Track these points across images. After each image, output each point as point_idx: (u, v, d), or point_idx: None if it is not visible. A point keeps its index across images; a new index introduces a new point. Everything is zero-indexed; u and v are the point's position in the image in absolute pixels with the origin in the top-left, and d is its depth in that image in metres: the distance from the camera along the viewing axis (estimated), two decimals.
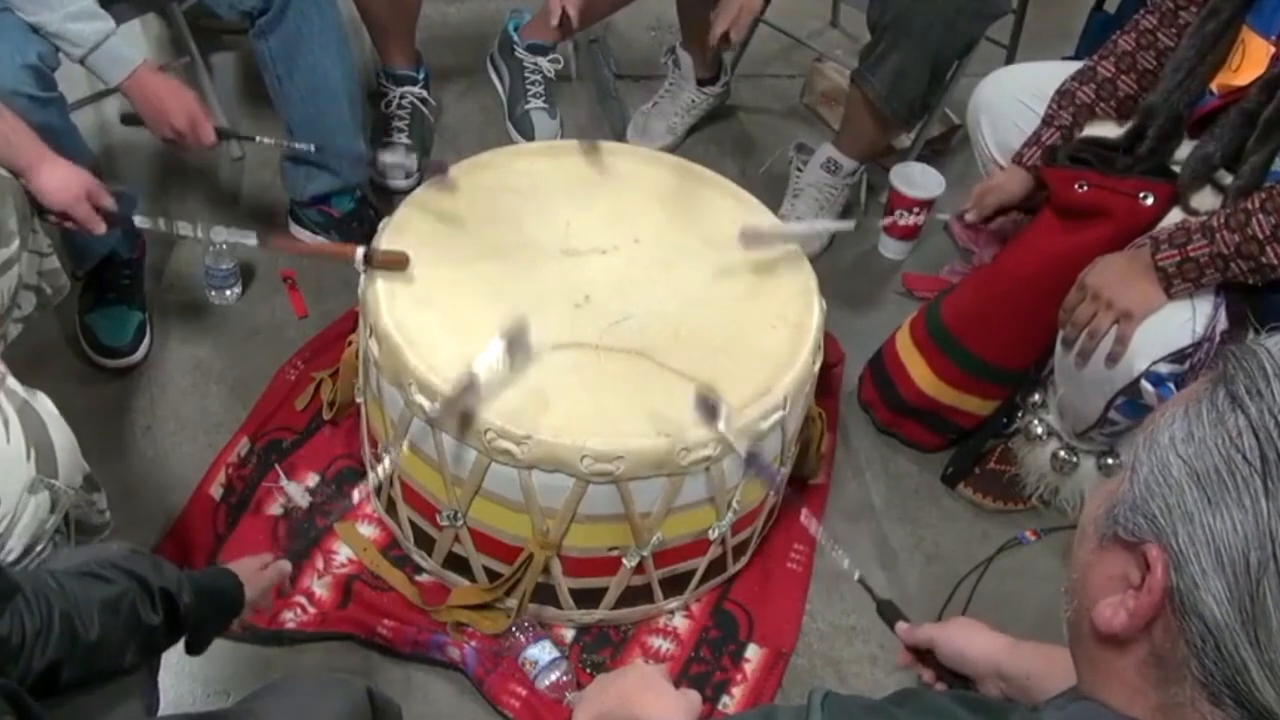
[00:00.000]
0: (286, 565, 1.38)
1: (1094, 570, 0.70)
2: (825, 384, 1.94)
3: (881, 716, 0.72)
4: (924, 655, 1.13)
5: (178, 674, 1.56)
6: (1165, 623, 0.65)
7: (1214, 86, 1.63)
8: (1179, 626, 0.64)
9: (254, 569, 1.30)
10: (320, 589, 1.69)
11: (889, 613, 1.21)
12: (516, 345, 1.44)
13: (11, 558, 1.23)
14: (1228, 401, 0.64)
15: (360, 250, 1.59)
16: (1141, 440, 0.69)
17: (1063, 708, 0.72)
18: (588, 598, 1.66)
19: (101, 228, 1.57)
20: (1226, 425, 0.64)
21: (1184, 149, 1.66)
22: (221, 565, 1.29)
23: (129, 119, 1.79)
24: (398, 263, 1.58)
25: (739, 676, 1.68)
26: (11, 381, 1.26)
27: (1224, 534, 0.62)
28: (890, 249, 2.35)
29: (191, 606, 1.14)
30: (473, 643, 1.63)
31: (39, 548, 1.25)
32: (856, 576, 1.26)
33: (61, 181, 1.51)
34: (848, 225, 1.99)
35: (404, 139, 2.34)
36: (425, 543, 1.69)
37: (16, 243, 1.41)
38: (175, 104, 1.70)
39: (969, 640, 1.08)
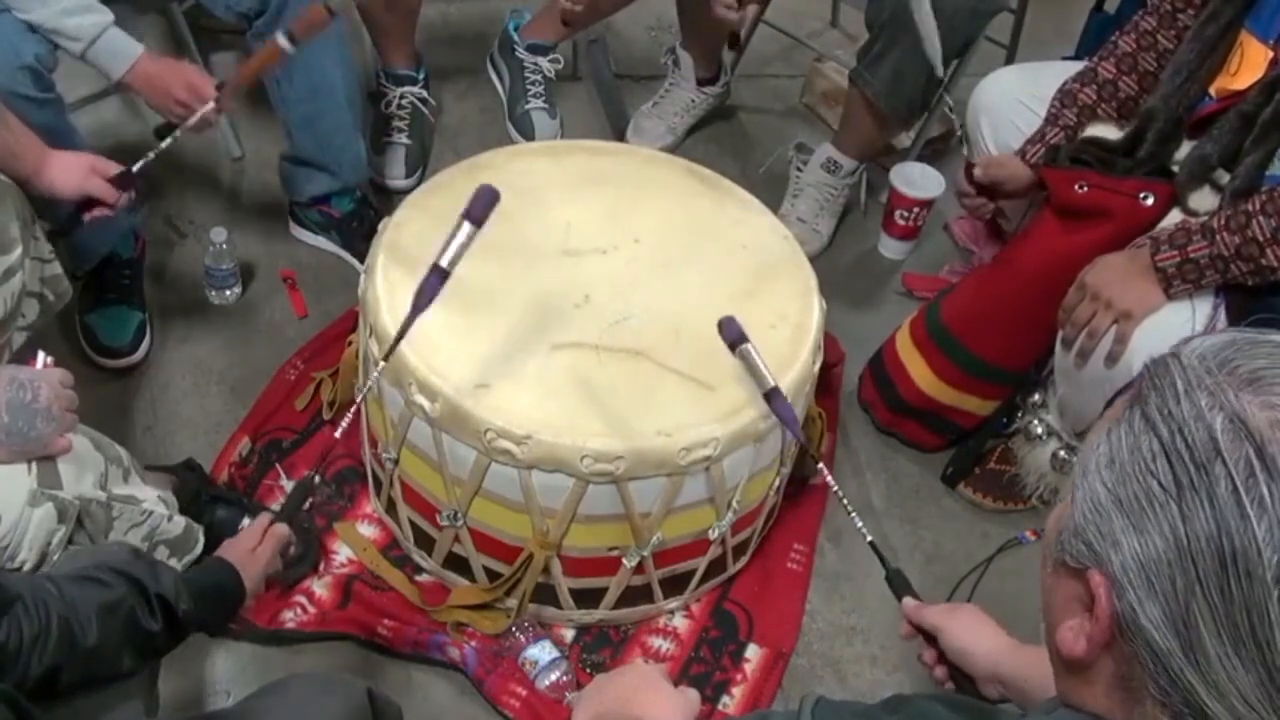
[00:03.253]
0: (283, 529, 1.31)
1: (1053, 594, 0.71)
2: (825, 384, 1.94)
3: None
4: (929, 635, 1.13)
5: (178, 674, 1.56)
6: (1119, 646, 0.65)
7: (1212, 90, 1.63)
8: (1131, 651, 0.64)
9: (246, 553, 1.26)
10: (320, 589, 1.69)
11: (898, 583, 1.20)
12: (480, 216, 1.30)
13: (27, 568, 1.23)
14: (1142, 423, 0.65)
15: (280, 35, 1.64)
16: (1078, 463, 0.69)
17: (1049, 712, 0.72)
18: (588, 598, 1.66)
19: (120, 196, 1.58)
20: (1142, 450, 0.64)
21: (1183, 150, 1.66)
22: (216, 558, 1.26)
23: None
24: (317, 23, 1.61)
25: (739, 676, 1.68)
26: None
27: (1150, 561, 0.62)
28: (890, 249, 2.35)
29: (190, 613, 1.14)
30: (473, 643, 1.63)
31: (54, 558, 1.25)
32: (868, 540, 1.25)
33: (66, 168, 1.52)
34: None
35: (404, 139, 2.34)
36: (425, 543, 1.69)
37: (19, 250, 1.41)
38: (174, 78, 1.70)
39: (974, 639, 1.09)
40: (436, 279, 1.28)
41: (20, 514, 1.21)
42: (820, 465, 1.36)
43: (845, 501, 1.28)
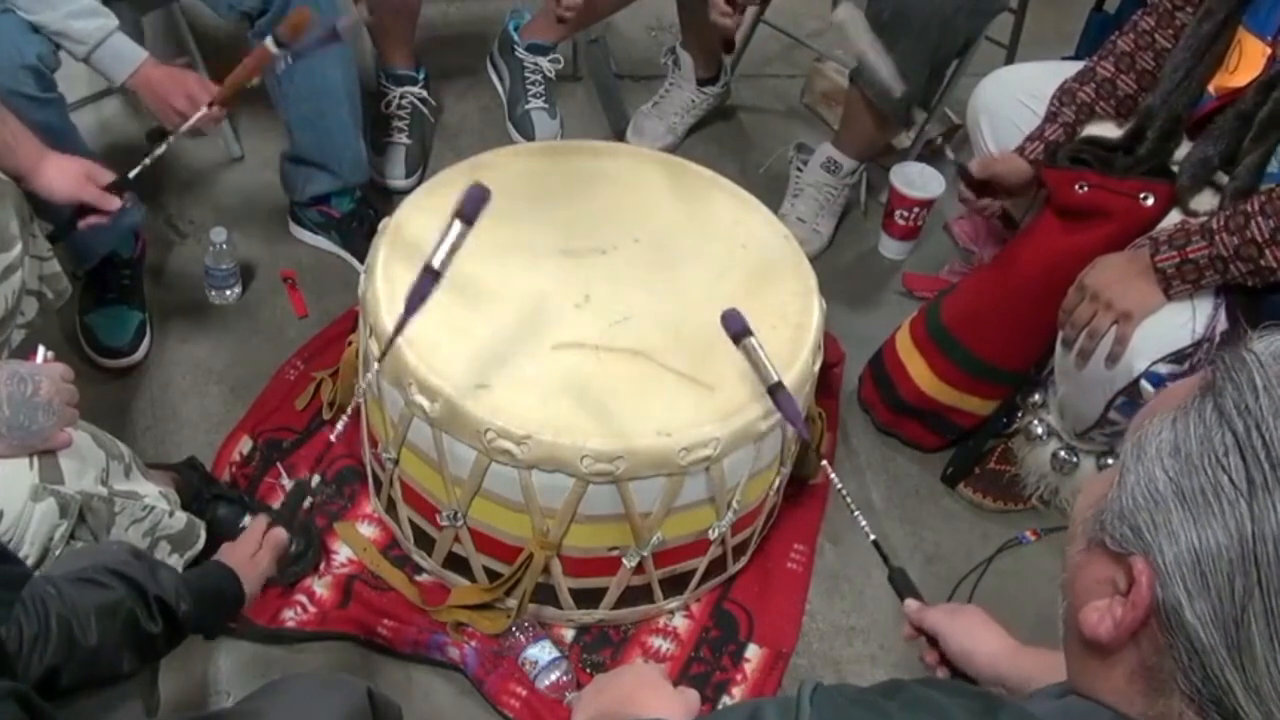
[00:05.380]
0: (281, 535, 1.32)
1: (1083, 571, 0.69)
2: (825, 384, 1.94)
3: (872, 712, 0.72)
4: (931, 637, 1.13)
5: (178, 674, 1.56)
6: (1152, 636, 0.64)
7: (1211, 88, 1.63)
8: (1166, 643, 0.63)
9: (246, 559, 1.28)
10: (320, 589, 1.69)
11: (901, 582, 1.20)
12: (471, 215, 1.30)
13: (29, 563, 1.23)
14: (1215, 416, 0.63)
15: (269, 40, 1.63)
16: (1130, 445, 0.67)
17: (1058, 696, 0.71)
18: (588, 598, 1.66)
19: (115, 203, 1.57)
20: (1213, 443, 0.62)
21: (1182, 150, 1.66)
22: (215, 562, 1.27)
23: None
24: (302, 25, 1.61)
25: (739, 676, 1.68)
26: None
27: (1209, 557, 0.61)
28: (890, 249, 2.35)
29: (190, 614, 1.14)
30: (473, 643, 1.63)
31: (55, 554, 1.25)
32: (871, 539, 1.25)
33: (62, 172, 1.52)
34: None
35: (404, 139, 2.34)
36: (425, 543, 1.69)
37: (19, 247, 1.41)
38: (174, 87, 1.71)
39: (975, 642, 1.08)
40: (429, 280, 1.26)
41: (22, 509, 1.21)
42: (824, 463, 1.36)
43: (848, 499, 1.27)
